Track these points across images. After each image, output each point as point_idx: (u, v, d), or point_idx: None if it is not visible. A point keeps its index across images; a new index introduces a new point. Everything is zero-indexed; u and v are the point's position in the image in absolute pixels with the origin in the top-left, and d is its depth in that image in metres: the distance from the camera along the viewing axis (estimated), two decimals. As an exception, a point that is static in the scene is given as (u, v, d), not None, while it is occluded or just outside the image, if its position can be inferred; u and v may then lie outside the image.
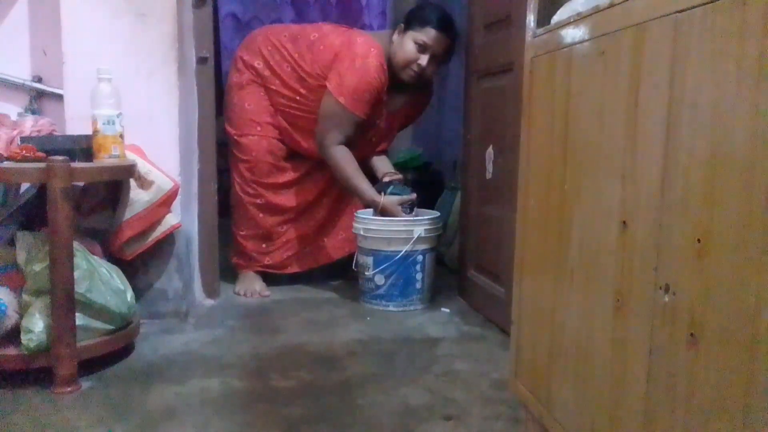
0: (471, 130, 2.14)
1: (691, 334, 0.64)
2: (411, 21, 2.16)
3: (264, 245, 2.31)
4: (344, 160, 2.15)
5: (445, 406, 1.35)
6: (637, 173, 0.75)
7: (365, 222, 2.12)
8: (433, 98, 3.47)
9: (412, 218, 2.15)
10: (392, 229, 2.08)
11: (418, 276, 2.11)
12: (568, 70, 0.95)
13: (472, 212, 2.15)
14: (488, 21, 2.01)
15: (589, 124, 0.88)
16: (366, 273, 2.12)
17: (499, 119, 1.90)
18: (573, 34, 0.93)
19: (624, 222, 0.78)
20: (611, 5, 0.82)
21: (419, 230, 2.07)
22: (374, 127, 2.27)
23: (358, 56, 2.10)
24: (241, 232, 2.31)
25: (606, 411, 0.83)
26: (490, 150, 1.97)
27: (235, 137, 2.26)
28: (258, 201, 2.27)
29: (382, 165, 2.35)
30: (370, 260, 2.11)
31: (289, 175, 2.29)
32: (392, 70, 2.17)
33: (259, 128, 2.23)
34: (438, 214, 2.24)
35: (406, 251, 2.06)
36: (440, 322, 1.98)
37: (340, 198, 2.37)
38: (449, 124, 3.19)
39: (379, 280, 2.09)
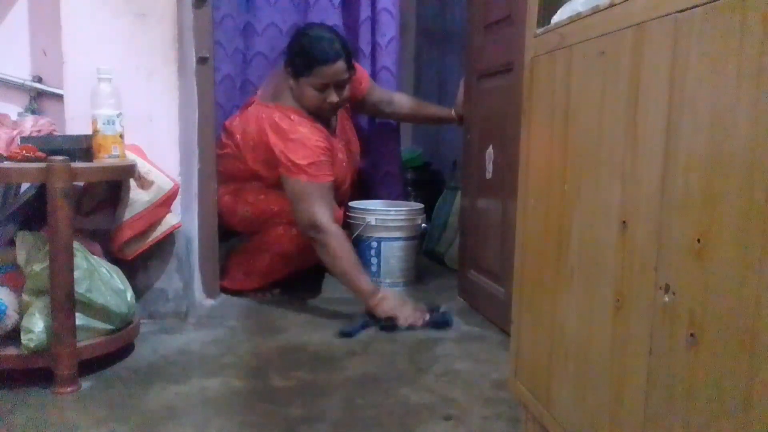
0: (471, 130, 2.14)
1: (691, 334, 0.64)
2: (296, 69, 2.06)
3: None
4: (343, 248, 1.94)
5: (445, 406, 1.35)
6: (637, 173, 0.75)
7: None
8: (433, 99, 3.46)
9: (372, 207, 2.37)
10: (350, 215, 2.36)
11: (374, 260, 2.36)
12: (568, 70, 0.95)
13: (472, 212, 2.15)
14: (488, 21, 2.01)
15: (589, 124, 0.88)
16: None
17: (499, 119, 1.90)
18: (573, 34, 0.93)
19: (624, 222, 0.78)
20: (611, 5, 0.82)
21: (370, 219, 2.32)
22: (341, 161, 2.22)
23: (286, 132, 2.02)
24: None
25: (606, 411, 0.83)
26: (490, 150, 1.97)
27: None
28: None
29: None
30: None
31: None
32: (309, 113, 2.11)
33: None
34: (420, 206, 2.42)
35: (356, 234, 2.32)
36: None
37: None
38: (449, 124, 3.18)
39: None
